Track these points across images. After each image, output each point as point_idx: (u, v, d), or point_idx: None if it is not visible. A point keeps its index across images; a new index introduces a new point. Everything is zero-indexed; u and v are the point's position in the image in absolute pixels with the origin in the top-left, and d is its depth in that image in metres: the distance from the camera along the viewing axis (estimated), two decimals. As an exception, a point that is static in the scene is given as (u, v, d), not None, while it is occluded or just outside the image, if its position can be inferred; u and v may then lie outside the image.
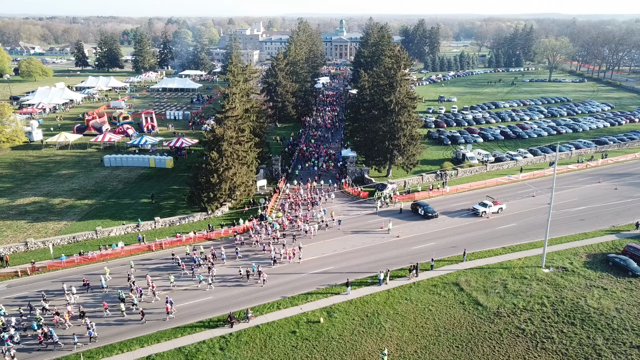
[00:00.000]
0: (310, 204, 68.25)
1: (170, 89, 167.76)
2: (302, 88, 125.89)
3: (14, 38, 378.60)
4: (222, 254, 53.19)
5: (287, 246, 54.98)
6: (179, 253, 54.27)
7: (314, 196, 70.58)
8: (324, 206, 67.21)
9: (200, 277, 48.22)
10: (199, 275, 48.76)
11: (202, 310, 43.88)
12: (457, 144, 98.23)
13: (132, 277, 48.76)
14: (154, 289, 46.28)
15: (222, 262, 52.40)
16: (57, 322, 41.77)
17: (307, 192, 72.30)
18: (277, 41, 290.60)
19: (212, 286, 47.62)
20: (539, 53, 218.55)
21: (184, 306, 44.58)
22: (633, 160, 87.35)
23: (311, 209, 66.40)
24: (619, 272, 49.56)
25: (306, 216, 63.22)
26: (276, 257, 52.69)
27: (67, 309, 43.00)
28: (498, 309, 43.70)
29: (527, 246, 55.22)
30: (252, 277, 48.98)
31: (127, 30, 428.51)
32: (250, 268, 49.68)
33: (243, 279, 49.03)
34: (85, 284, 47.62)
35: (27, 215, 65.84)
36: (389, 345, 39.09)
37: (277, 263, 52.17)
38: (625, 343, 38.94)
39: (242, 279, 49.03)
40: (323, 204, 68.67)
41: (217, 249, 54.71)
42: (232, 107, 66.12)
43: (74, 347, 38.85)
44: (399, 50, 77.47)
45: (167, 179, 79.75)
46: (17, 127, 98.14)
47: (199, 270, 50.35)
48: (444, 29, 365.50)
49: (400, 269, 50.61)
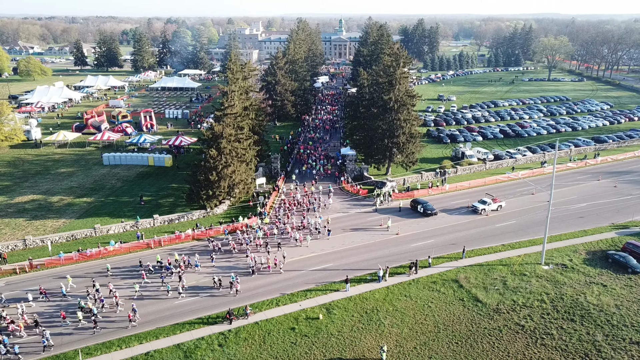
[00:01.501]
0: (306, 209, 65.42)
1: (169, 88, 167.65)
2: (302, 87, 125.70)
3: (12, 38, 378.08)
4: (196, 261, 50.46)
5: (270, 254, 52.11)
6: (150, 260, 51.50)
7: (312, 201, 67.51)
8: (321, 213, 63.93)
9: (168, 287, 45.73)
10: (167, 284, 46.20)
11: (200, 307, 43.77)
12: (456, 143, 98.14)
13: (97, 284, 46.22)
14: (118, 299, 43.71)
15: (195, 269, 49.78)
16: (13, 330, 40.47)
17: (303, 198, 69.10)
18: (276, 41, 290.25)
19: (184, 295, 45.36)
20: (538, 52, 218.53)
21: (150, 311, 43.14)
22: (632, 158, 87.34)
23: (306, 215, 62.93)
24: (618, 269, 49.50)
25: (301, 223, 60.58)
26: (256, 266, 49.98)
27: (24, 317, 41.80)
28: (497, 306, 43.61)
29: (527, 243, 55.16)
30: (224, 287, 46.20)
31: (126, 30, 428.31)
32: (222, 276, 47.23)
33: (218, 287, 46.52)
34: (42, 292, 45.18)
35: (25, 213, 65.67)
36: (388, 342, 38.98)
37: (256, 273, 49.39)
38: (624, 339, 38.86)
39: (218, 288, 46.51)
40: (322, 209, 65.65)
41: (191, 256, 51.96)
42: (231, 104, 66.04)
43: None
44: (398, 48, 77.43)
45: (166, 177, 79.60)
46: (16, 126, 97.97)
47: (169, 280, 47.58)
48: (443, 29, 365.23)
49: (400, 266, 50.53)
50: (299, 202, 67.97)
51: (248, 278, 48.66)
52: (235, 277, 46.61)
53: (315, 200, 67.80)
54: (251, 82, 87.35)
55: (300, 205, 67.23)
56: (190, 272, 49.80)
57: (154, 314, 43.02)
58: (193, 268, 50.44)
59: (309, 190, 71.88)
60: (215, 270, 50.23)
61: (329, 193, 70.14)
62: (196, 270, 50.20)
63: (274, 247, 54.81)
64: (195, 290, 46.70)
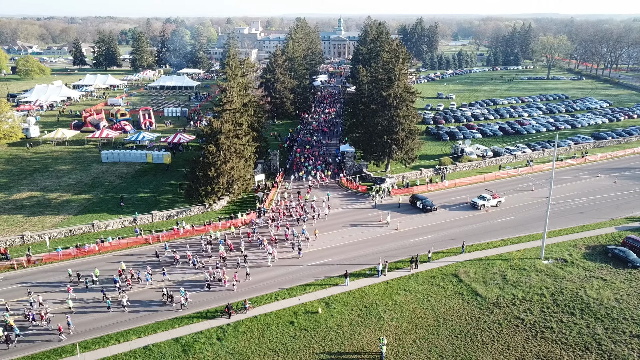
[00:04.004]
0: (296, 219, 60.53)
1: (168, 87, 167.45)
2: (301, 85, 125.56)
3: (11, 38, 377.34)
4: (147, 275, 46.56)
5: (227, 270, 47.86)
6: (86, 270, 48.38)
7: (307, 210, 62.51)
8: (316, 223, 59.66)
9: (109, 303, 42.45)
10: (107, 300, 42.88)
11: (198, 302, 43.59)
12: (455, 140, 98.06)
13: (33, 295, 43.54)
14: (47, 313, 40.99)
15: (145, 283, 46.23)
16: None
17: (296, 207, 63.77)
18: (275, 40, 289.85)
19: (127, 309, 42.35)
20: (537, 51, 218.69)
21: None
22: (632, 155, 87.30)
23: (291, 226, 57.85)
24: (618, 264, 49.39)
25: (285, 235, 56.18)
26: (211, 280, 46.25)
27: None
28: (497, 300, 43.46)
29: (526, 238, 55.02)
30: (173, 301, 42.91)
31: (125, 30, 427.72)
32: (171, 290, 44.02)
33: (170, 303, 43.06)
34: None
35: (23, 209, 65.43)
36: (387, 335, 38.80)
37: (211, 287, 45.51)
38: (625, 332, 38.72)
39: (169, 304, 43.07)
40: (316, 219, 60.76)
41: (142, 268, 48.41)
42: (229, 100, 65.89)
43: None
44: (397, 44, 77.32)
45: (165, 174, 79.37)
46: (14, 124, 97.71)
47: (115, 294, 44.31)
48: (442, 28, 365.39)
49: (399, 260, 50.37)
50: (290, 212, 62.81)
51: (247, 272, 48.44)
52: (184, 292, 43.13)
53: (311, 209, 62.61)
54: (250, 79, 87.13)
55: (291, 215, 61.99)
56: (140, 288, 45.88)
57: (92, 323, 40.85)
58: (144, 282, 46.40)
59: (304, 198, 66.95)
60: (168, 283, 46.33)
61: (326, 202, 65.03)
62: (147, 284, 46.32)
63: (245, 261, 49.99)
64: (136, 306, 42.90)
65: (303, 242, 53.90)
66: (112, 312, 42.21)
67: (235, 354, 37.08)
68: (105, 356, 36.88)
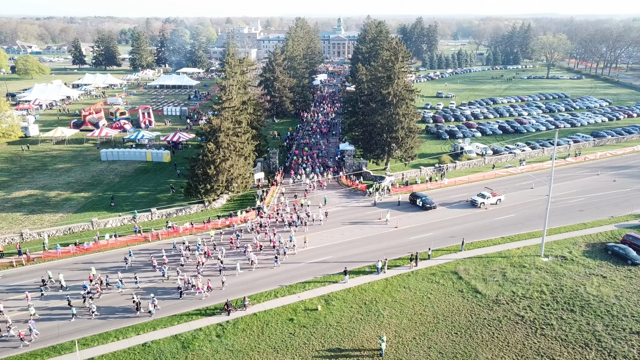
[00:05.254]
0: (288, 224, 57.97)
1: (167, 86, 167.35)
2: (300, 84, 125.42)
3: (10, 37, 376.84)
4: (118, 282, 44.90)
5: (202, 278, 45.99)
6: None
7: (300, 216, 59.62)
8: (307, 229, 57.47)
9: (73, 311, 40.89)
10: (72, 308, 41.26)
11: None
12: (455, 139, 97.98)
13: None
14: (8, 321, 39.36)
15: (117, 291, 44.57)
16: None
17: (291, 213, 61.57)
18: (274, 39, 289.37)
19: (93, 316, 40.98)
20: (536, 50, 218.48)
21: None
22: (631, 154, 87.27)
23: (278, 232, 55.54)
24: (618, 261, 49.34)
25: (271, 241, 53.66)
26: (184, 287, 44.57)
27: None
28: (497, 297, 43.40)
29: (526, 236, 54.97)
30: (139, 309, 41.37)
31: (125, 30, 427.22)
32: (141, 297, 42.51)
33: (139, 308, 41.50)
34: None
35: (22, 207, 65.31)
36: (387, 332, 38.74)
37: (183, 295, 43.89)
38: (625, 329, 38.67)
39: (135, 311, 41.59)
40: (310, 225, 58.44)
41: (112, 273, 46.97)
42: (229, 97, 65.78)
43: None
44: (397, 42, 77.22)
45: (164, 173, 79.26)
46: (13, 122, 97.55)
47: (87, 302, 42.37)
48: (441, 28, 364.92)
49: (399, 258, 50.29)
50: (282, 217, 60.37)
51: (247, 271, 48.39)
52: (153, 297, 42.07)
53: (305, 215, 60.08)
54: (249, 77, 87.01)
55: (283, 220, 59.51)
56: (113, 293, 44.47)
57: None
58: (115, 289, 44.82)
59: (299, 202, 64.58)
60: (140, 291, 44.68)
61: (322, 207, 62.65)
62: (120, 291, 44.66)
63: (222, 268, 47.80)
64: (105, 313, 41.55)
65: (289, 249, 51.59)
66: (78, 319, 40.64)
67: (234, 351, 37.00)
68: (104, 353, 36.79)
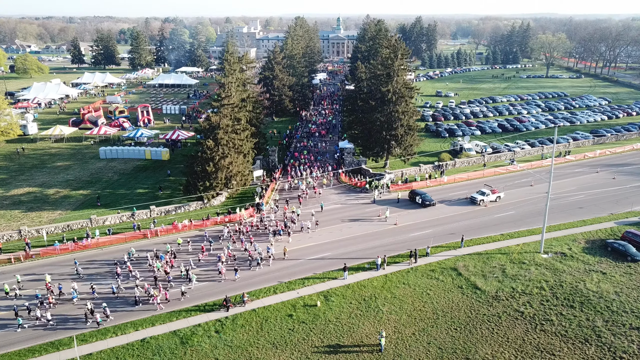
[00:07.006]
0: (273, 233, 54.63)
1: (166, 85, 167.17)
2: (299, 82, 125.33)
3: (10, 37, 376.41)
4: (73, 291, 42.48)
5: (160, 287, 43.71)
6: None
7: (288, 224, 56.21)
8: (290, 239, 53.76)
9: (20, 321, 39.07)
10: (19, 318, 39.29)
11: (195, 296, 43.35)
12: (454, 137, 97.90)
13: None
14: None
15: (71, 301, 42.33)
16: None
17: (277, 221, 58.45)
18: (274, 39, 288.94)
19: (52, 324, 39.54)
20: (536, 49, 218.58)
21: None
22: (631, 152, 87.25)
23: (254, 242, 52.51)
24: (617, 257, 49.26)
25: (246, 250, 51.08)
26: (140, 297, 42.44)
27: None
28: (497, 293, 43.31)
29: (526, 233, 54.89)
30: (88, 319, 39.65)
31: (124, 29, 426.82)
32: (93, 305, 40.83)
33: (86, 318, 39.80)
34: None
35: (21, 205, 65.18)
36: (386, 328, 38.65)
37: (139, 304, 41.98)
38: (624, 325, 38.59)
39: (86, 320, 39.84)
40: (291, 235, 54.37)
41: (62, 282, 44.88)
42: (228, 95, 65.66)
43: None
44: (396, 40, 77.14)
45: (163, 170, 79.11)
46: (12, 121, 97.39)
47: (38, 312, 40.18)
48: (441, 27, 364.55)
49: (398, 255, 50.20)
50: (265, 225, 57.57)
51: (247, 270, 48.27)
52: (105, 307, 40.31)
53: (292, 223, 57.18)
54: (249, 75, 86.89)
55: (266, 228, 56.61)
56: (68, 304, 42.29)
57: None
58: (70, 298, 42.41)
59: (289, 209, 61.55)
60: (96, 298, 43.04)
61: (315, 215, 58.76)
62: (73, 302, 42.39)
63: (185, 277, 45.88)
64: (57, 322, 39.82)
65: (264, 260, 48.82)
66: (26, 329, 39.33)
67: (233, 347, 36.89)
68: (102, 349, 36.68)
